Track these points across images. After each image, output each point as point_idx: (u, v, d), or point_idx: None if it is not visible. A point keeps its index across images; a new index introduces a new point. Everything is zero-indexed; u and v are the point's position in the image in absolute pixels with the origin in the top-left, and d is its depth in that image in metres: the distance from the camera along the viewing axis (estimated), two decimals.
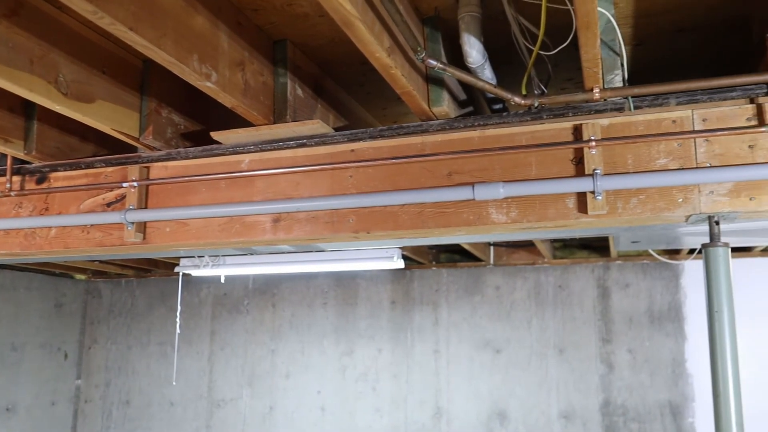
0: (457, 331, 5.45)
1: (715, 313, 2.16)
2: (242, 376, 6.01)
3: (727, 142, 2.20)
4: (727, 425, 2.09)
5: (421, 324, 5.57)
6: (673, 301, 5.00)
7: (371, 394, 5.61)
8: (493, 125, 2.40)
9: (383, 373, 5.60)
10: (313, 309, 5.90)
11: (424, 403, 5.45)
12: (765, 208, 2.15)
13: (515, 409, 5.19)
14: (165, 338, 6.32)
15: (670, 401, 4.89)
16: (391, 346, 5.62)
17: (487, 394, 5.29)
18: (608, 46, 2.26)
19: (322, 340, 5.82)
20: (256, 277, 6.12)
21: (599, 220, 2.27)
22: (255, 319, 6.07)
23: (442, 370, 5.44)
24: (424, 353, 5.52)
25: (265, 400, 5.91)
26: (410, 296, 5.63)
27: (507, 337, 5.30)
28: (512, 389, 5.23)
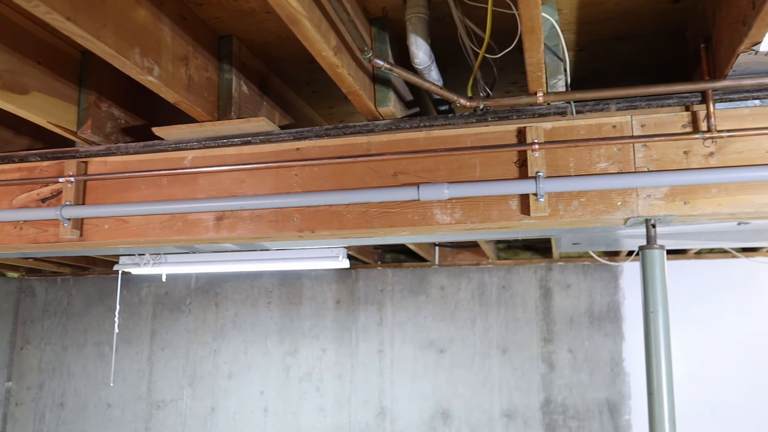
0: (401, 331, 5.48)
1: (650, 313, 2.22)
2: (183, 376, 5.90)
3: (664, 147, 2.26)
4: (660, 422, 2.15)
5: (365, 324, 5.57)
6: (612, 302, 5.13)
7: (315, 394, 5.58)
8: (438, 126, 2.42)
9: (327, 373, 5.58)
10: (257, 308, 5.84)
11: (368, 402, 5.45)
12: (698, 212, 2.22)
13: (458, 408, 5.24)
14: (103, 338, 6.16)
15: (608, 399, 5.02)
16: (336, 346, 5.60)
17: (430, 393, 5.33)
18: (552, 51, 2.31)
19: (266, 339, 5.76)
20: (199, 276, 6.02)
21: (541, 222, 2.31)
22: (197, 318, 5.96)
23: (387, 369, 5.46)
24: (368, 353, 5.52)
25: (206, 401, 5.81)
26: (355, 296, 5.63)
27: (451, 337, 5.35)
28: (456, 388, 5.28)
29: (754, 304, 4.98)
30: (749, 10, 1.81)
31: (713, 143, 2.23)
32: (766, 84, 2.15)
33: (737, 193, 2.20)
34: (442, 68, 2.57)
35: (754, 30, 1.84)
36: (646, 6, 2.37)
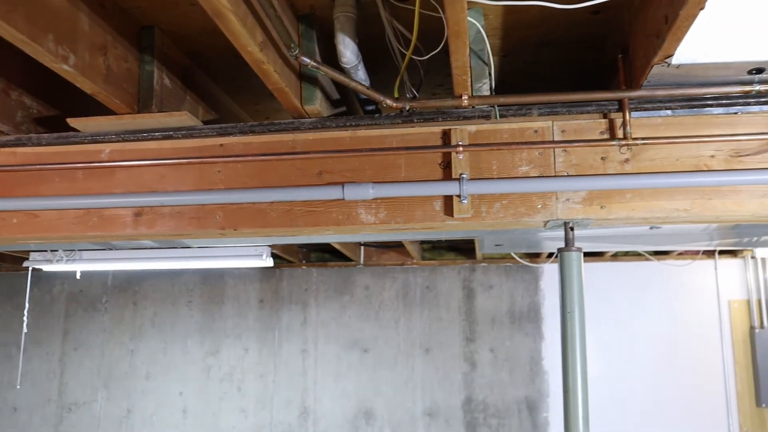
0: (325, 330, 5.45)
1: (567, 313, 2.28)
2: (98, 378, 5.69)
3: (583, 153, 2.33)
4: (574, 418, 2.22)
5: (289, 323, 5.52)
6: (533, 303, 5.27)
7: (236, 395, 5.49)
8: (365, 126, 2.42)
9: (249, 373, 5.50)
10: (178, 307, 5.69)
11: (290, 402, 5.41)
12: (613, 216, 2.30)
13: (381, 407, 5.26)
14: (9, 338, 5.87)
15: (527, 397, 5.14)
16: (259, 346, 5.52)
17: (353, 393, 5.33)
18: (477, 56, 2.34)
19: (186, 339, 5.63)
20: (117, 274, 5.82)
21: (464, 223, 2.33)
22: (114, 317, 5.76)
23: (310, 369, 5.42)
24: (291, 353, 5.47)
25: (122, 403, 5.62)
26: (279, 295, 5.57)
27: (375, 337, 5.36)
28: (379, 388, 5.30)
29: (664, 304, 5.21)
30: (663, 24, 1.88)
31: (629, 150, 2.32)
32: (678, 95, 2.24)
33: (650, 199, 2.28)
34: (370, 68, 2.57)
35: (667, 43, 1.92)
36: (568, 15, 2.43)
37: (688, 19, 1.78)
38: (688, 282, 5.24)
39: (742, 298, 5.20)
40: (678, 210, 2.28)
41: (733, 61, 2.06)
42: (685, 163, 2.29)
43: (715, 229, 3.18)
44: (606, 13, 2.41)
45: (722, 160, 2.28)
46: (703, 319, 5.18)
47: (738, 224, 2.90)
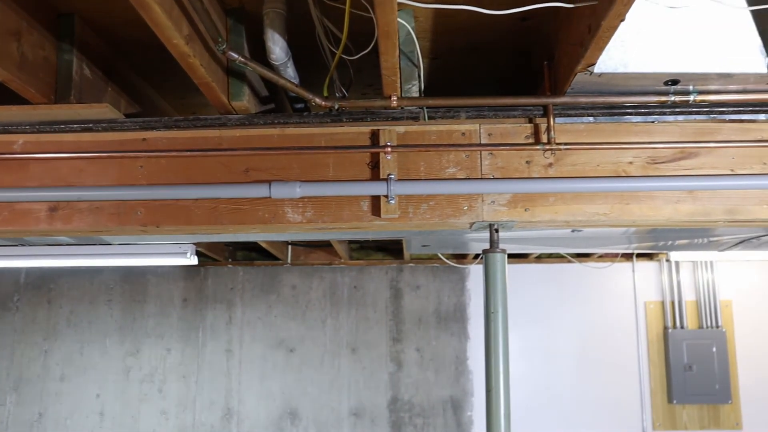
0: (251, 330, 5.38)
1: (491, 313, 2.32)
2: (7, 380, 5.43)
3: (509, 156, 2.38)
4: (496, 416, 2.26)
5: (214, 323, 5.41)
6: (459, 303, 5.34)
7: (157, 396, 5.34)
8: (293, 124, 2.39)
9: (171, 374, 5.36)
10: (96, 306, 5.49)
11: (213, 404, 5.30)
12: (537, 219, 2.35)
13: (307, 407, 5.23)
14: None
15: (452, 396, 5.21)
16: (182, 346, 5.39)
17: (279, 393, 5.27)
18: (407, 57, 2.35)
19: (105, 339, 5.44)
20: (30, 271, 5.56)
21: (391, 224, 2.34)
22: (26, 316, 5.51)
23: (234, 369, 5.33)
24: (215, 353, 5.36)
25: (33, 407, 5.38)
26: (204, 294, 5.45)
27: (301, 336, 5.32)
28: (305, 388, 5.26)
29: (585, 305, 5.38)
30: (586, 33, 1.94)
31: (552, 155, 2.37)
32: (599, 103, 2.31)
33: (572, 203, 2.35)
34: (300, 66, 2.54)
35: (589, 52, 1.97)
36: (497, 21, 2.46)
37: (609, 30, 1.84)
38: (608, 284, 5.43)
39: (657, 300, 5.42)
40: (598, 214, 2.35)
41: (650, 72, 2.14)
42: (606, 169, 2.37)
43: (633, 233, 3.30)
44: (534, 21, 2.46)
45: (639, 167, 2.37)
46: (621, 320, 5.37)
47: (654, 228, 3.03)
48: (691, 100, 2.28)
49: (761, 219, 2.39)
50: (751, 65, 2.14)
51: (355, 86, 3.02)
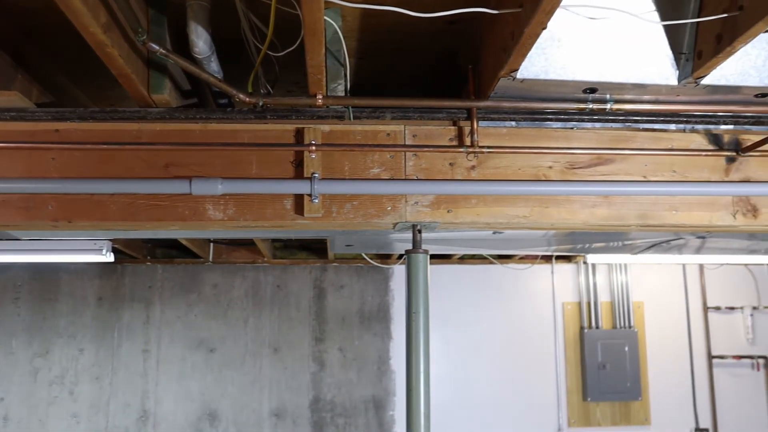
0: (170, 329, 5.23)
1: (413, 314, 2.33)
2: None
3: (433, 158, 2.40)
4: (416, 415, 2.27)
5: (130, 322, 5.24)
6: (382, 303, 5.36)
7: (68, 399, 5.13)
8: (216, 120, 2.34)
9: (84, 375, 5.16)
10: (2, 304, 5.22)
11: (128, 406, 5.13)
12: (459, 220, 2.38)
13: (226, 408, 5.13)
14: None
15: (374, 396, 5.23)
16: (95, 346, 5.20)
17: (198, 394, 5.15)
18: (334, 56, 2.34)
19: (11, 339, 5.18)
20: None
21: (315, 223, 2.32)
22: None
23: (151, 370, 5.18)
24: (131, 353, 5.20)
25: None
26: (120, 292, 5.27)
27: (222, 336, 5.22)
28: (225, 389, 5.16)
29: (506, 306, 5.50)
30: (509, 39, 1.98)
31: (475, 157, 2.41)
32: (521, 108, 2.37)
33: (493, 205, 2.39)
34: (225, 61, 2.49)
35: (513, 58, 2.01)
36: (425, 24, 2.48)
37: (531, 37, 1.88)
38: (528, 285, 5.57)
39: (575, 301, 5.60)
40: (518, 216, 2.41)
41: (570, 80, 2.20)
42: (526, 173, 2.42)
43: (552, 236, 3.39)
44: (460, 25, 2.49)
45: (559, 171, 2.44)
46: (540, 320, 5.52)
47: (572, 231, 3.12)
48: (607, 108, 2.36)
49: (670, 224, 2.50)
50: (663, 77, 2.24)
51: (281, 83, 2.98)
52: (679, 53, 2.22)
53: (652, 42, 2.23)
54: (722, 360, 5.63)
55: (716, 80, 2.26)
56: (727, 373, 5.64)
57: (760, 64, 2.25)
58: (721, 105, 2.42)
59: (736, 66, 2.25)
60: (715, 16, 1.98)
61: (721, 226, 2.53)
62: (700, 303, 5.74)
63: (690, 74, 2.20)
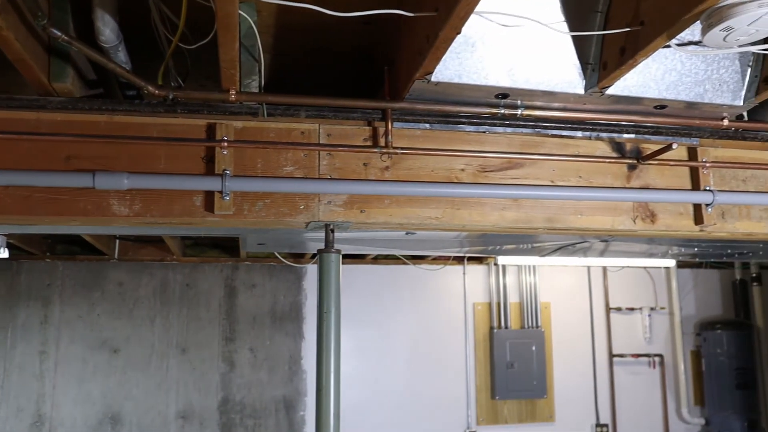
0: (70, 329, 5.00)
1: (324, 313, 2.32)
2: None
3: (347, 157, 2.39)
4: (326, 415, 2.26)
5: (26, 322, 4.97)
6: (295, 302, 5.31)
7: None
8: (123, 112, 2.25)
9: None
10: None
11: (22, 410, 4.87)
12: (372, 220, 2.38)
13: (130, 411, 4.95)
14: None
15: (285, 396, 5.17)
16: None
17: (100, 397, 4.95)
18: (248, 51, 2.29)
19: None
20: None
21: (225, 220, 2.27)
22: None
23: (49, 372, 4.93)
24: (27, 354, 4.93)
25: None
26: (15, 290, 4.99)
27: (127, 336, 5.03)
28: (129, 391, 4.98)
29: (418, 306, 5.56)
30: (425, 42, 1.99)
31: (389, 158, 2.42)
32: (435, 110, 2.40)
33: (406, 206, 2.41)
34: (134, 51, 2.40)
35: (427, 61, 2.03)
36: (342, 23, 2.47)
37: (446, 41, 1.91)
38: (440, 286, 5.65)
39: (485, 301, 5.72)
40: (430, 218, 2.43)
41: (483, 85, 2.24)
42: (439, 174, 2.45)
43: (464, 237, 3.45)
44: (377, 26, 2.49)
45: (471, 174, 2.48)
46: (451, 320, 5.61)
47: (484, 233, 3.18)
48: (518, 114, 2.42)
49: (576, 228, 2.59)
50: (571, 86, 2.32)
51: (194, 77, 2.90)
52: (586, 63, 2.30)
53: (562, 52, 2.30)
54: (622, 358, 5.89)
55: (620, 91, 2.36)
56: (626, 371, 5.91)
57: (660, 77, 2.37)
58: (624, 114, 2.53)
59: (638, 78, 2.35)
60: (619, 30, 2.07)
61: (622, 230, 2.64)
62: (602, 304, 5.98)
63: (596, 84, 2.29)
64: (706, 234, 2.72)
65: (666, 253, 4.54)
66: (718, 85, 2.42)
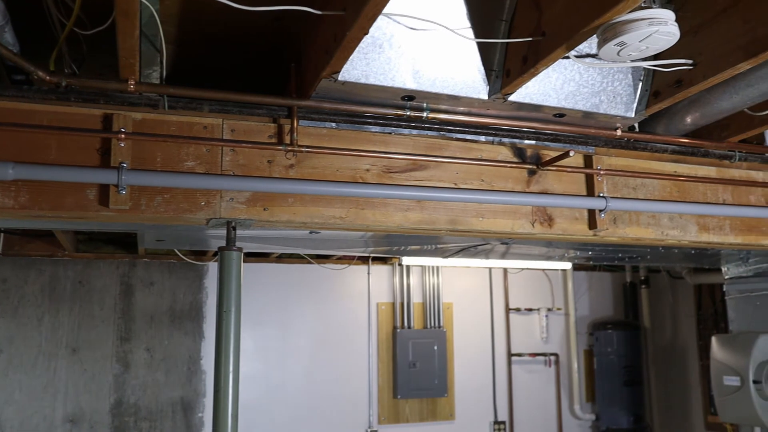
0: None
1: (224, 312, 2.27)
2: None
3: (251, 154, 2.35)
4: (224, 416, 2.21)
5: None
6: (195, 301, 5.17)
7: None
8: (9, 97, 2.12)
9: None
10: None
11: None
12: (275, 219, 2.35)
13: (12, 416, 4.65)
14: None
15: (183, 398, 5.02)
16: None
17: None
18: (150, 40, 2.21)
19: None
20: None
21: (121, 215, 2.18)
22: None
23: None
24: None
25: None
26: None
27: (11, 336, 4.73)
28: (11, 394, 4.68)
29: (322, 305, 5.53)
30: (332, 41, 1.99)
31: (294, 156, 2.40)
32: (342, 110, 2.39)
33: (310, 205, 2.39)
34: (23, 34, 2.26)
35: (334, 60, 2.03)
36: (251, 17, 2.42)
37: (353, 41, 1.90)
38: (344, 285, 5.65)
39: (389, 301, 5.76)
40: (335, 217, 2.42)
41: (389, 86, 2.26)
42: (344, 174, 2.45)
43: (370, 237, 3.46)
44: (286, 22, 2.46)
45: (376, 175, 2.49)
46: (355, 320, 5.62)
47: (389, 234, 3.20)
48: (424, 116, 2.45)
49: (477, 230, 2.65)
50: (475, 91, 2.37)
51: (91, 65, 2.76)
52: (491, 70, 2.36)
53: (468, 57, 2.35)
54: (520, 357, 6.08)
55: (522, 98, 2.43)
56: (524, 370, 6.10)
57: (559, 86, 2.46)
58: (526, 121, 2.61)
59: (539, 86, 2.43)
60: (522, 39, 2.13)
61: (521, 233, 2.73)
62: (503, 305, 6.16)
63: (499, 90, 2.35)
64: (599, 238, 2.85)
65: (563, 256, 4.72)
66: (613, 97, 2.54)
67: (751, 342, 4.30)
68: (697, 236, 3.01)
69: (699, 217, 3.02)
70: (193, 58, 2.78)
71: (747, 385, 4.25)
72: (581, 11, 1.86)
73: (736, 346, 4.40)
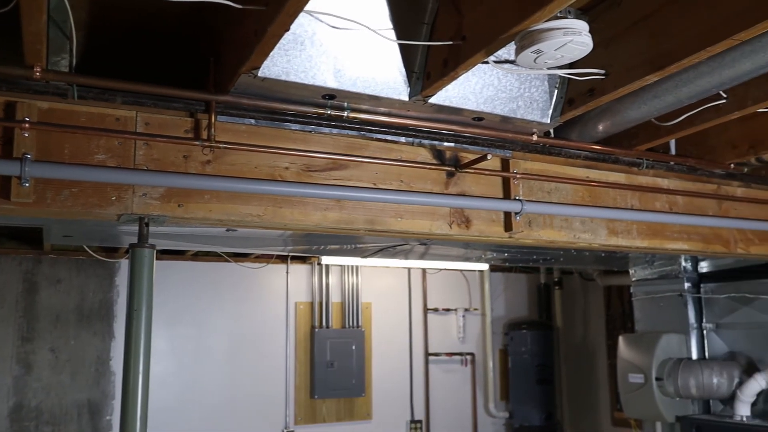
0: None
1: (134, 311, 2.20)
2: None
3: (166, 149, 2.28)
4: (132, 419, 2.15)
5: None
6: (105, 300, 4.97)
7: None
8: None
9: None
10: None
11: None
12: (191, 215, 2.29)
13: None
14: None
15: (90, 400, 4.83)
16: None
17: None
18: (59, 26, 2.12)
19: None
20: None
21: (23, 209, 2.07)
22: None
23: None
24: None
25: None
26: None
27: None
28: None
29: (239, 304, 5.44)
30: (253, 37, 1.95)
31: (211, 152, 2.34)
32: (261, 106, 2.36)
33: (227, 202, 2.34)
34: None
35: (254, 56, 1.99)
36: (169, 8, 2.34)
37: (274, 37, 1.88)
38: (262, 284, 5.57)
39: (307, 301, 5.73)
40: (252, 215, 2.38)
41: (310, 84, 2.24)
42: (263, 171, 2.41)
43: (289, 236, 3.43)
44: (206, 14, 2.39)
45: (295, 173, 2.46)
46: (273, 320, 5.55)
47: (307, 233, 3.18)
48: (345, 116, 2.45)
49: (396, 230, 2.66)
50: (396, 92, 2.38)
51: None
52: (412, 72, 2.38)
53: (389, 58, 2.36)
54: (437, 357, 6.16)
55: (442, 101, 2.46)
56: (441, 369, 6.19)
57: (478, 90, 2.50)
58: (445, 124, 2.65)
59: (459, 90, 2.47)
60: (442, 42, 2.16)
61: (439, 234, 2.76)
62: (421, 305, 6.22)
63: (420, 92, 2.37)
64: (514, 240, 2.92)
65: (480, 258, 4.82)
66: (530, 103, 2.61)
67: (654, 341, 4.51)
68: (607, 240, 3.13)
69: (609, 222, 3.13)
70: (106, 48, 2.67)
71: (650, 382, 4.45)
72: (500, 18, 1.90)
73: (641, 345, 4.61)
